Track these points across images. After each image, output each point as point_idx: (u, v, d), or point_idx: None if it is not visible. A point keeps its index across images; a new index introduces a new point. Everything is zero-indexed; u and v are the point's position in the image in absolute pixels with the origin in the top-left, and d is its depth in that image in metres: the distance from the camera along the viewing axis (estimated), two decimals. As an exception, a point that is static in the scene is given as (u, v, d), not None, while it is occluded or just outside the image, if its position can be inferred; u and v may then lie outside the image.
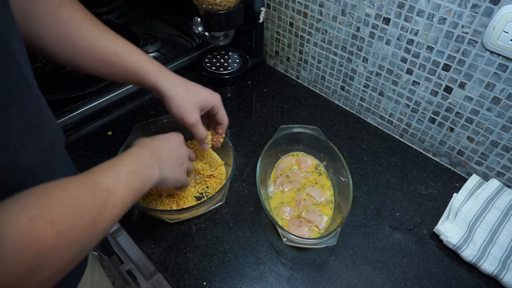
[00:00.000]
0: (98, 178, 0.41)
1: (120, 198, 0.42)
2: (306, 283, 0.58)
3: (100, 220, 0.38)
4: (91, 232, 0.37)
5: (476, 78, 0.65)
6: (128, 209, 0.44)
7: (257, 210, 0.67)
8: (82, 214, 0.36)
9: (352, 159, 0.78)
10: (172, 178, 0.55)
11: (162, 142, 0.55)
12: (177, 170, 0.56)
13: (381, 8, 0.71)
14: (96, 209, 0.38)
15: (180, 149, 0.57)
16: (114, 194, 0.41)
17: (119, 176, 0.43)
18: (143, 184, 0.47)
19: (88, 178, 0.40)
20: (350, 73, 0.86)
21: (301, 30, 0.90)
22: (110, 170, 0.44)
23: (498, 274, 0.58)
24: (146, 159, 0.50)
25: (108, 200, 0.40)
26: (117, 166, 0.45)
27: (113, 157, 0.47)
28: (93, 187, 0.39)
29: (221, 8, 0.81)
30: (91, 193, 0.38)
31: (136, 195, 0.46)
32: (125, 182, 0.44)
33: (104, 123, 0.83)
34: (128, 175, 0.45)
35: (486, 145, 0.70)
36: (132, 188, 0.45)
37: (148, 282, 0.77)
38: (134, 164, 0.47)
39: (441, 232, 0.63)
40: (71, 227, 0.34)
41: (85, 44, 0.52)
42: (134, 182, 0.45)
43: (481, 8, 0.59)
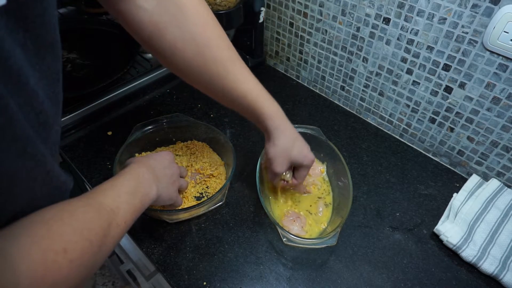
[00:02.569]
0: (101, 199, 0.41)
1: (123, 218, 0.43)
2: (306, 283, 0.58)
3: (105, 243, 0.39)
4: (98, 255, 0.38)
5: (476, 78, 0.65)
6: (129, 229, 0.45)
7: (257, 210, 0.67)
8: (91, 238, 0.36)
9: (352, 159, 0.78)
10: (166, 195, 0.56)
11: (157, 160, 0.57)
12: (171, 187, 0.57)
13: (381, 8, 0.71)
14: (102, 231, 0.38)
15: (172, 167, 0.59)
16: (118, 215, 0.42)
17: (119, 196, 0.44)
18: (142, 203, 0.48)
19: (92, 200, 0.40)
20: (350, 73, 0.86)
21: (301, 30, 0.90)
22: (110, 190, 0.44)
23: (498, 274, 0.58)
24: (145, 178, 0.51)
25: (112, 221, 0.40)
26: (117, 186, 0.46)
27: (112, 178, 0.48)
28: (98, 208, 0.40)
29: (221, 8, 0.81)
30: (97, 215, 0.39)
31: (136, 214, 0.47)
32: (126, 202, 0.44)
33: (104, 123, 0.83)
34: (128, 195, 0.45)
35: (486, 145, 0.70)
36: (133, 208, 0.46)
37: (148, 282, 0.77)
38: (133, 183, 0.48)
39: (441, 232, 0.63)
40: (81, 253, 0.34)
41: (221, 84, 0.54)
42: (134, 201, 0.46)
43: (481, 8, 0.59)
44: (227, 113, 0.88)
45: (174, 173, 0.59)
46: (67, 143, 0.78)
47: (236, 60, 0.55)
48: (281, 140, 0.58)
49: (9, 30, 0.27)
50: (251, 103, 0.56)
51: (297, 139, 0.60)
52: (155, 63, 0.96)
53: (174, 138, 0.76)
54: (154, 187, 0.52)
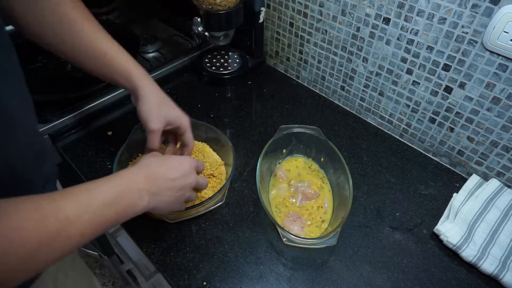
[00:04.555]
0: (62, 204, 0.37)
1: (80, 230, 0.38)
2: (306, 283, 0.58)
3: (37, 257, 0.35)
4: (26, 269, 0.34)
5: (476, 78, 0.65)
6: (89, 240, 0.40)
7: (257, 210, 0.67)
8: (18, 250, 0.33)
9: (352, 159, 0.78)
10: (165, 208, 0.52)
11: (168, 168, 0.51)
12: (173, 201, 0.52)
13: (381, 8, 0.71)
14: (36, 243, 0.34)
15: (186, 178, 0.53)
16: (73, 225, 0.37)
17: (89, 205, 0.40)
18: (118, 216, 0.43)
19: (49, 201, 0.37)
20: (350, 73, 0.86)
21: (301, 30, 0.90)
22: (83, 195, 0.40)
23: (498, 274, 0.58)
24: (137, 188, 0.46)
25: (60, 232, 0.36)
26: (95, 190, 0.42)
27: (102, 178, 0.44)
28: (47, 214, 0.36)
29: (221, 8, 0.81)
30: (39, 223, 0.35)
31: (105, 227, 0.42)
32: (93, 212, 0.40)
33: (104, 123, 0.83)
34: (102, 205, 0.41)
35: (486, 145, 0.70)
36: (101, 220, 0.41)
37: (148, 282, 0.77)
38: (117, 192, 0.43)
39: (441, 232, 0.63)
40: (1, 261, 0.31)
41: (77, 42, 0.56)
42: (107, 213, 0.41)
43: (481, 8, 0.59)
44: (227, 113, 0.88)
45: (185, 185, 0.53)
46: (67, 143, 0.78)
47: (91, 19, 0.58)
48: (152, 97, 0.58)
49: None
50: (114, 61, 0.57)
51: (166, 97, 0.60)
52: (155, 63, 0.96)
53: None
54: (145, 200, 0.47)
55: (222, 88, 0.96)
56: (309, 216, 0.66)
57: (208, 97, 0.92)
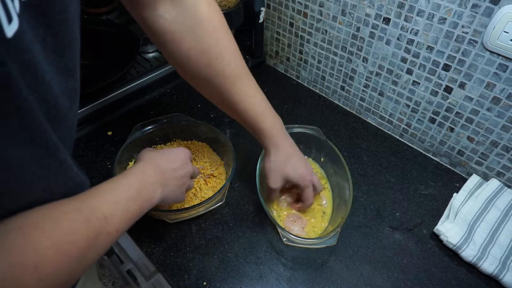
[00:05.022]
0: (95, 203, 0.38)
1: (115, 226, 0.40)
2: (306, 283, 0.58)
3: (88, 256, 0.36)
4: (76, 271, 0.35)
5: (476, 78, 0.65)
6: (121, 236, 0.42)
7: (257, 210, 0.67)
8: (71, 253, 0.33)
9: (352, 159, 0.78)
10: (171, 198, 0.54)
11: (170, 160, 0.54)
12: (178, 190, 0.55)
13: (381, 8, 0.71)
14: (86, 244, 0.35)
15: (185, 167, 0.56)
16: (110, 223, 0.39)
17: (117, 202, 0.41)
18: (141, 209, 0.45)
19: (85, 204, 0.37)
20: (350, 73, 0.86)
21: (301, 30, 0.90)
22: (109, 194, 0.41)
23: (498, 274, 0.58)
24: (151, 182, 0.48)
25: (102, 230, 0.37)
26: (117, 189, 0.43)
27: (114, 178, 0.45)
28: (88, 216, 0.36)
29: (221, 8, 0.81)
30: (86, 225, 0.36)
31: (132, 221, 0.44)
32: (123, 209, 0.41)
33: (104, 123, 0.83)
34: (127, 201, 0.43)
35: (486, 145, 0.70)
36: (130, 215, 0.43)
37: (148, 282, 0.77)
38: (136, 187, 0.45)
39: (441, 232, 0.63)
40: (54, 271, 0.31)
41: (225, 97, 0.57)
42: (133, 207, 0.43)
43: (481, 8, 0.59)
44: (227, 113, 0.88)
45: (186, 174, 0.56)
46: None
47: (244, 76, 0.57)
48: (276, 156, 0.59)
49: (31, 25, 0.28)
50: (252, 119, 0.58)
51: (292, 156, 0.60)
52: (155, 63, 0.96)
53: (174, 138, 0.76)
54: (159, 191, 0.49)
55: (222, 88, 0.95)
56: (311, 216, 0.66)
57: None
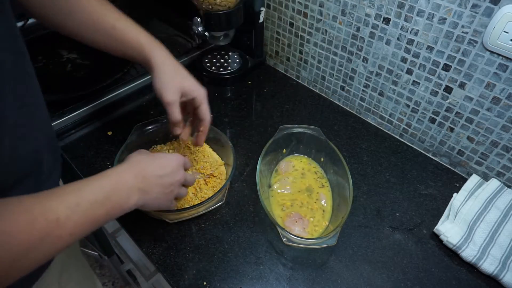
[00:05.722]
0: (52, 204, 0.37)
1: (69, 230, 0.38)
2: (306, 283, 0.58)
3: (26, 258, 0.34)
4: (8, 272, 0.34)
5: (476, 78, 0.65)
6: (79, 239, 0.40)
7: (257, 210, 0.67)
8: (2, 254, 0.32)
9: (352, 159, 0.78)
10: (154, 205, 0.52)
11: (157, 165, 0.51)
12: (162, 198, 0.52)
13: (381, 8, 0.71)
14: (25, 245, 0.34)
15: (174, 175, 0.53)
16: (63, 226, 0.37)
17: (78, 204, 0.39)
18: (108, 214, 0.43)
19: (40, 204, 0.36)
20: (350, 73, 0.86)
21: (301, 30, 0.90)
22: (72, 195, 0.39)
23: (498, 274, 0.58)
24: (126, 187, 0.46)
25: (50, 233, 0.36)
26: (84, 190, 0.41)
27: (89, 178, 0.43)
28: (36, 216, 0.35)
29: (221, 8, 0.81)
30: (29, 226, 0.34)
31: (95, 226, 0.42)
32: (83, 212, 0.39)
33: (104, 123, 0.83)
34: (91, 204, 0.41)
35: (486, 145, 0.70)
36: (91, 219, 0.41)
37: (148, 282, 0.77)
38: (107, 190, 0.43)
39: (441, 232, 0.63)
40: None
41: (85, 17, 0.55)
42: (97, 212, 0.41)
43: (481, 8, 0.59)
44: (227, 113, 0.88)
45: (174, 182, 0.53)
46: (67, 143, 0.78)
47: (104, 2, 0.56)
48: (165, 67, 0.56)
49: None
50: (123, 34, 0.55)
51: (180, 67, 0.58)
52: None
53: (174, 138, 0.76)
54: (135, 197, 0.47)
55: (222, 88, 0.96)
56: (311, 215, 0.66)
57: (208, 97, 0.92)
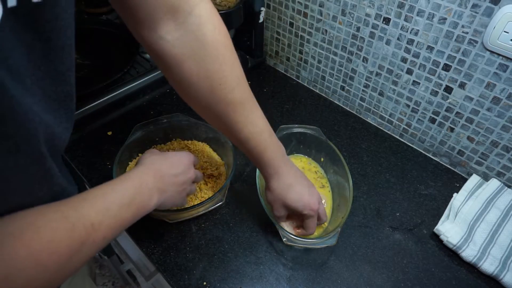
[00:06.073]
0: (84, 210, 0.38)
1: (103, 234, 0.38)
2: (306, 283, 0.58)
3: (69, 264, 0.35)
4: (54, 279, 0.34)
5: (476, 78, 0.65)
6: (109, 243, 0.41)
7: (257, 210, 0.67)
8: (49, 262, 0.33)
9: (352, 159, 0.78)
10: (169, 203, 0.53)
11: (171, 164, 0.53)
12: (177, 196, 0.54)
13: (381, 8, 0.71)
14: (68, 253, 0.34)
15: (187, 173, 0.55)
16: (98, 231, 0.38)
17: (108, 209, 0.40)
18: (134, 216, 0.44)
19: (72, 211, 0.36)
20: (350, 73, 0.86)
21: (301, 30, 0.90)
22: (101, 200, 0.40)
23: (498, 274, 0.58)
24: (148, 188, 0.47)
25: (88, 238, 0.36)
26: (111, 194, 0.42)
27: (111, 181, 0.44)
28: (73, 225, 0.35)
29: (221, 8, 0.81)
30: (69, 234, 0.35)
31: (123, 228, 0.42)
32: (113, 216, 0.40)
33: (104, 123, 0.83)
34: (120, 208, 0.41)
35: (486, 145, 0.70)
36: (121, 222, 0.42)
37: (148, 282, 0.77)
38: (132, 193, 0.44)
39: (441, 232, 0.63)
40: (28, 281, 0.31)
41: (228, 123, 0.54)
42: (125, 215, 0.42)
43: (481, 8, 0.59)
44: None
45: (187, 180, 0.55)
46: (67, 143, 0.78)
47: (247, 103, 0.55)
48: (276, 185, 0.58)
49: (15, 31, 0.28)
50: (253, 148, 0.56)
51: (295, 185, 0.58)
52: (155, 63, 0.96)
53: (174, 138, 0.76)
54: (156, 198, 0.48)
55: (222, 88, 0.95)
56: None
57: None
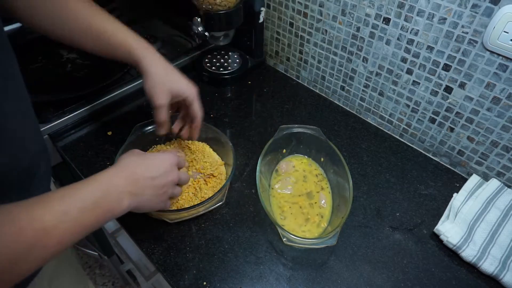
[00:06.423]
0: (38, 212, 0.36)
1: (57, 238, 0.37)
2: (306, 283, 0.58)
3: (14, 270, 0.34)
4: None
5: (476, 78, 0.65)
6: (68, 247, 0.39)
7: (257, 210, 0.67)
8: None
9: (352, 159, 0.78)
10: (147, 207, 0.51)
11: (149, 166, 0.50)
12: (155, 199, 0.51)
13: (381, 8, 0.71)
14: (13, 257, 0.33)
15: (167, 175, 0.52)
16: (50, 236, 0.36)
17: (66, 213, 0.38)
18: (97, 221, 0.42)
19: (26, 213, 0.35)
20: (350, 73, 0.86)
21: (301, 30, 0.90)
22: (59, 202, 0.38)
23: (498, 274, 0.58)
24: (117, 191, 0.45)
25: (37, 243, 0.35)
26: (73, 197, 0.40)
27: (78, 182, 0.42)
28: (23, 226, 0.34)
29: (221, 8, 0.81)
30: (16, 237, 0.33)
31: (85, 232, 0.41)
32: (73, 220, 0.39)
33: (104, 123, 0.83)
34: (80, 211, 0.39)
35: (486, 145, 0.70)
36: (80, 226, 0.40)
37: (148, 282, 0.77)
38: (97, 196, 0.42)
39: (441, 232, 0.63)
40: None
41: (75, 23, 0.55)
42: (86, 219, 0.40)
43: (481, 8, 0.59)
44: (227, 113, 0.88)
45: (167, 183, 0.52)
46: (67, 143, 0.78)
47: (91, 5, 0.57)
48: (155, 69, 0.56)
49: None
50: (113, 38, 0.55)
51: (170, 69, 0.58)
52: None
53: (174, 138, 0.76)
54: (126, 201, 0.46)
55: (222, 88, 0.96)
56: (306, 215, 0.66)
57: (208, 97, 0.92)
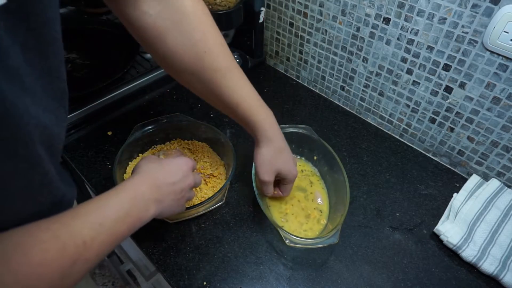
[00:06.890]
0: (77, 227, 0.36)
1: (96, 251, 0.37)
2: (306, 283, 0.58)
3: (60, 286, 0.34)
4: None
5: (476, 78, 0.65)
6: (102, 260, 0.40)
7: (257, 210, 0.67)
8: (39, 286, 0.31)
9: (352, 159, 0.78)
10: (168, 213, 0.51)
11: (168, 172, 0.50)
12: (175, 204, 0.51)
13: (381, 8, 0.71)
14: (59, 274, 0.33)
15: (185, 180, 0.52)
16: (90, 248, 0.36)
17: (102, 224, 0.38)
18: (129, 229, 0.42)
19: (65, 228, 0.35)
20: (350, 73, 0.86)
21: (301, 30, 0.90)
22: (94, 214, 0.38)
23: (498, 274, 0.58)
24: (144, 199, 0.45)
25: (79, 257, 0.35)
26: (105, 208, 0.40)
27: (105, 194, 0.42)
28: (64, 244, 0.34)
29: (221, 8, 0.81)
30: (60, 253, 0.33)
31: (118, 242, 0.41)
32: (107, 231, 0.39)
33: (104, 123, 0.83)
34: (114, 222, 0.40)
35: (486, 145, 0.70)
36: (115, 237, 0.40)
37: (148, 282, 0.77)
38: (127, 205, 0.42)
39: (441, 232, 0.63)
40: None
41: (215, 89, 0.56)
42: (120, 228, 0.41)
43: (481, 8, 0.59)
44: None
45: (185, 187, 0.52)
46: (67, 143, 0.78)
47: (234, 69, 0.57)
48: (268, 148, 0.59)
49: (8, 29, 0.27)
50: (244, 111, 0.57)
51: (283, 151, 0.60)
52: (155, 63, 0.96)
53: (174, 138, 0.76)
54: (152, 209, 0.46)
55: (222, 88, 0.95)
56: (306, 210, 0.66)
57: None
